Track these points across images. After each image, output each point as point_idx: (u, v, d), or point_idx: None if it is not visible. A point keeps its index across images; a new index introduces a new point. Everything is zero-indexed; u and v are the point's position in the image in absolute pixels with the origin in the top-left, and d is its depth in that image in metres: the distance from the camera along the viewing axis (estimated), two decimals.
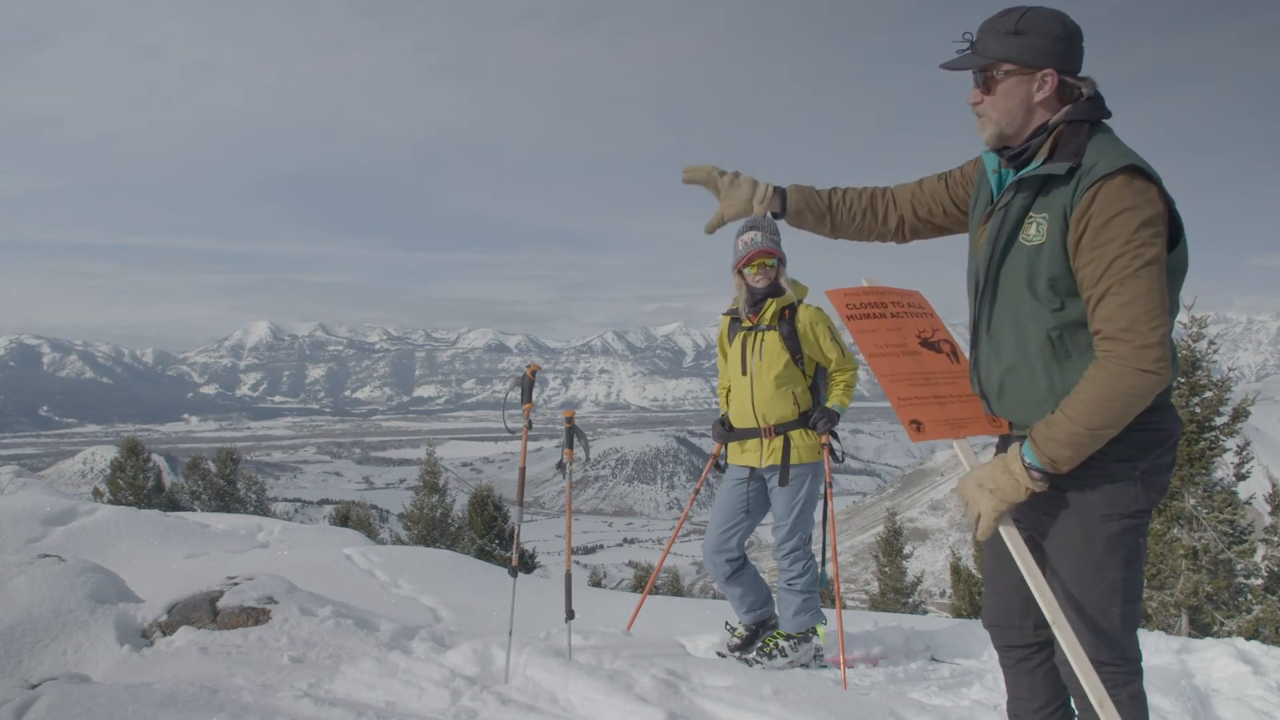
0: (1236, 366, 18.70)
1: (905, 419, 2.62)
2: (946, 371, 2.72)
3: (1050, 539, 2.13)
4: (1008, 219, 2.04)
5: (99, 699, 2.89)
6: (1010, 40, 1.96)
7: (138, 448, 23.07)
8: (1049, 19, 1.95)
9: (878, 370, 2.63)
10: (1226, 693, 3.75)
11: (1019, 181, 2.01)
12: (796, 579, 4.08)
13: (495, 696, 3.20)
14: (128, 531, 6.53)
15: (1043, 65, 1.95)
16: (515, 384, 3.83)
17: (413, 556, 7.25)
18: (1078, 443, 1.90)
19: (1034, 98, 1.98)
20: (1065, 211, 1.92)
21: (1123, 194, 1.85)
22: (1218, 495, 11.08)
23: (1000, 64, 1.97)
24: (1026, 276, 2.00)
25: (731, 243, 4.17)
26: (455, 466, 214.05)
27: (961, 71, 2.05)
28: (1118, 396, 1.85)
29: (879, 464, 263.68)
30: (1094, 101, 1.99)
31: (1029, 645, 2.32)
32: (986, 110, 2.03)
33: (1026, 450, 1.97)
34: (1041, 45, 1.94)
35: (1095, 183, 1.87)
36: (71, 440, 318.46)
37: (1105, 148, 1.91)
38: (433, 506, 20.37)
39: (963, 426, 2.61)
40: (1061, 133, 1.97)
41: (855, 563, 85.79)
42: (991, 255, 2.07)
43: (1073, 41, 1.97)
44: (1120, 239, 1.84)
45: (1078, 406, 1.90)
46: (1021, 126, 2.01)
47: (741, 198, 2.34)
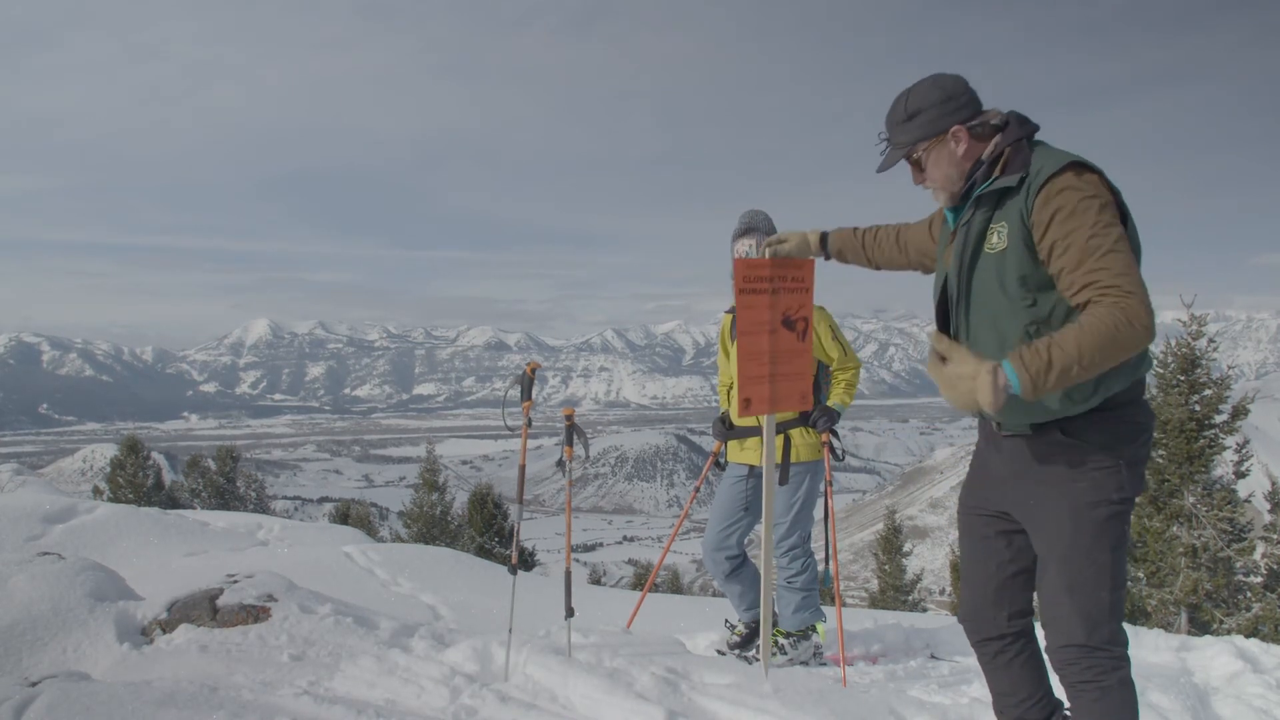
0: (1236, 364, 18.76)
1: (741, 396, 3.08)
2: (789, 350, 3.15)
3: (1041, 527, 2.22)
4: (971, 233, 2.22)
5: (99, 697, 2.90)
6: (910, 125, 2.23)
7: (137, 446, 23.08)
8: (928, 90, 2.22)
9: (741, 348, 3.03)
10: (1226, 691, 3.76)
11: (977, 199, 2.20)
12: (796, 577, 4.08)
13: (495, 694, 3.20)
14: (127, 529, 6.53)
15: (947, 127, 2.20)
16: (515, 382, 3.83)
17: (412, 554, 7.26)
18: (1064, 376, 1.86)
19: (957, 154, 2.22)
20: (1022, 215, 2.09)
21: (1075, 186, 2.02)
22: (1217, 493, 11.07)
23: (915, 147, 2.24)
24: (997, 280, 2.16)
25: (728, 245, 4.14)
26: (455, 464, 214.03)
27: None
28: (1116, 339, 1.86)
29: (878, 462, 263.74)
30: (1020, 122, 2.20)
31: (1003, 636, 2.42)
32: (930, 185, 2.29)
33: (1010, 370, 1.88)
34: (935, 114, 2.20)
35: (1045, 182, 2.04)
36: (71, 438, 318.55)
37: (1047, 154, 2.11)
38: (432, 504, 20.37)
39: (778, 403, 3.09)
40: (1006, 153, 2.17)
41: (855, 560, 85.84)
42: (961, 267, 2.25)
43: (956, 96, 2.21)
44: (1087, 224, 1.99)
45: (1072, 340, 1.86)
46: (961, 178, 2.25)
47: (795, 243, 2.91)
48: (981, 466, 2.42)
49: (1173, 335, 11.56)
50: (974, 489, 2.45)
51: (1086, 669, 2.17)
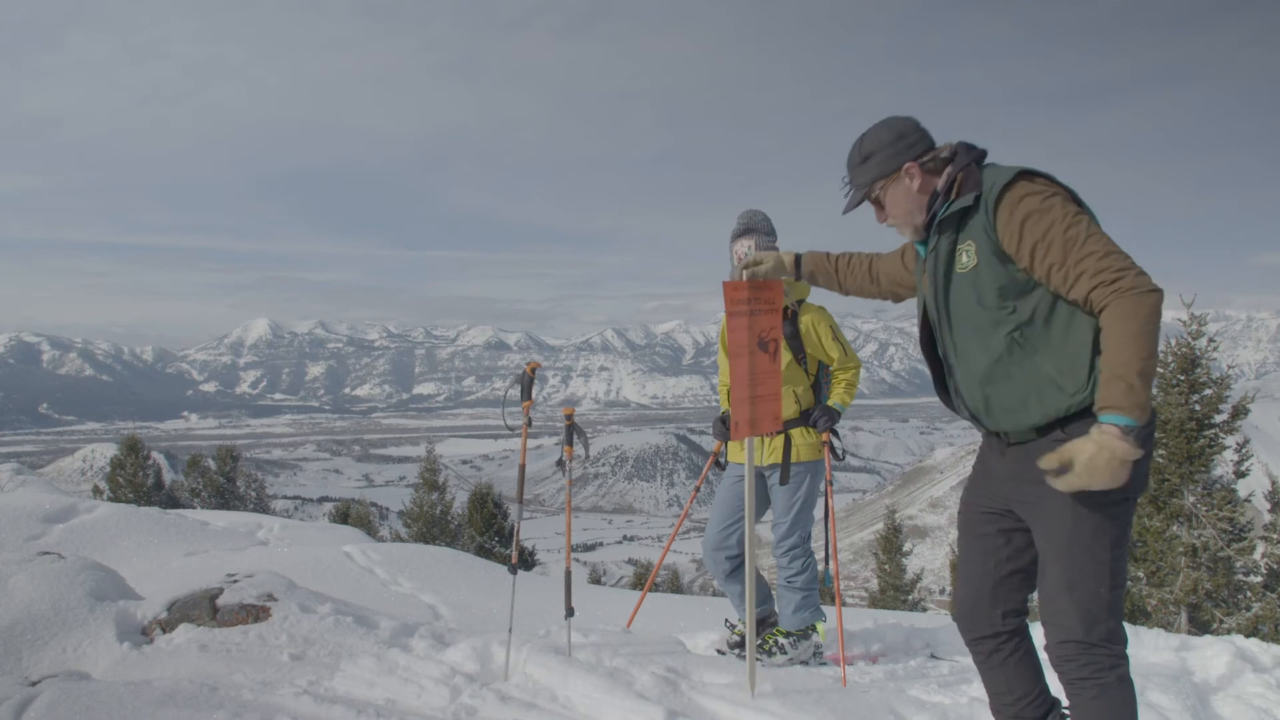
0: (1236, 364, 18.76)
1: (734, 418, 3.14)
2: (765, 371, 3.21)
3: (1042, 523, 2.24)
4: (940, 256, 2.33)
5: (99, 696, 2.90)
6: (866, 166, 2.37)
7: (137, 445, 23.08)
8: (880, 132, 2.36)
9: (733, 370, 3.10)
10: (1226, 690, 3.76)
11: (939, 224, 2.31)
12: (796, 576, 4.08)
13: (495, 694, 3.20)
14: (127, 529, 6.53)
15: (900, 164, 2.33)
16: (515, 381, 3.83)
17: (412, 554, 7.26)
18: (1146, 377, 1.96)
19: (913, 189, 2.35)
20: (986, 230, 2.19)
21: (1032, 190, 2.14)
22: (1217, 493, 11.07)
23: (872, 187, 2.37)
24: (974, 296, 2.25)
25: (727, 245, 4.13)
26: (455, 464, 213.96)
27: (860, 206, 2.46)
28: (1148, 319, 1.98)
29: (879, 461, 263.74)
30: (968, 149, 2.32)
31: (997, 635, 2.45)
32: (893, 222, 2.41)
33: (1110, 419, 1.95)
34: (888, 154, 2.34)
35: (1001, 194, 2.16)
36: (71, 438, 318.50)
37: (997, 170, 2.23)
38: (432, 504, 20.37)
39: (757, 426, 3.15)
40: (959, 178, 2.29)
41: (855, 560, 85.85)
42: (936, 291, 2.35)
43: (906, 135, 2.34)
44: (1059, 221, 2.09)
45: (1125, 346, 1.97)
46: (921, 212, 2.36)
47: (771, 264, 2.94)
48: (985, 467, 2.46)
49: (1173, 335, 11.56)
50: (977, 487, 2.48)
51: (1084, 665, 2.18)
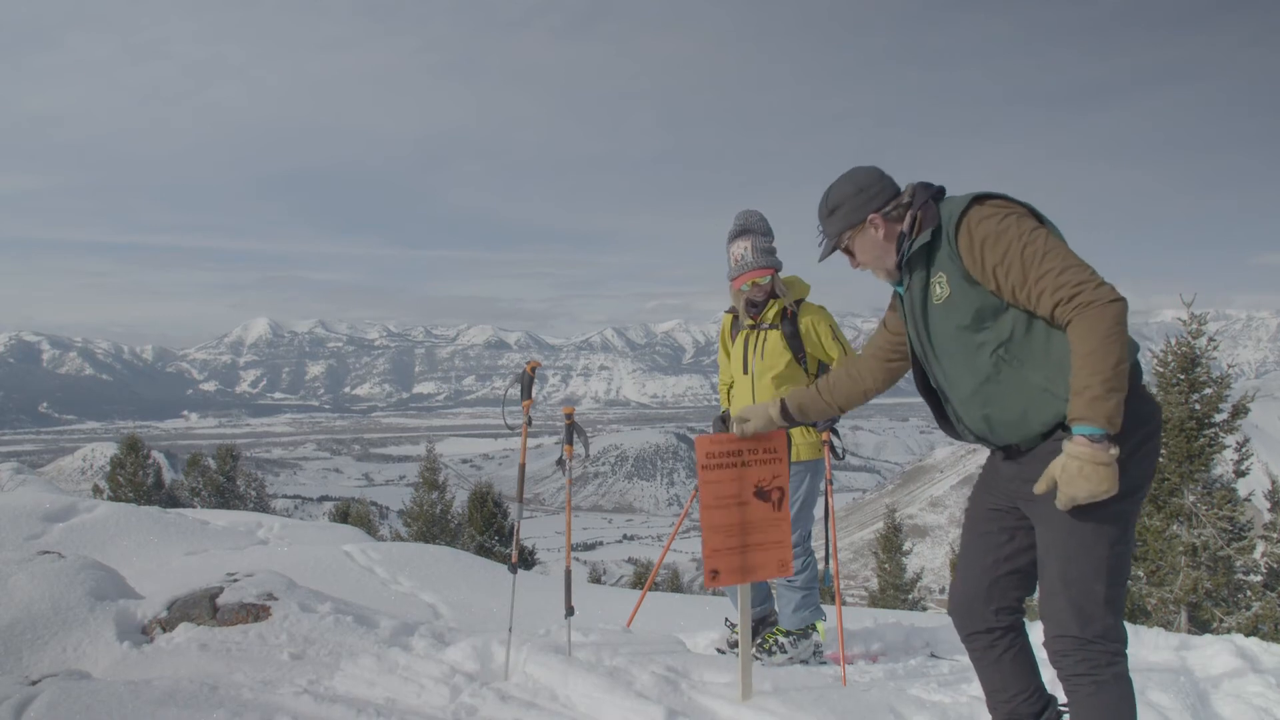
0: (1236, 363, 18.76)
1: (707, 566, 3.15)
2: (764, 519, 3.20)
3: (1045, 520, 2.24)
4: (915, 295, 2.41)
5: (99, 696, 2.90)
6: (833, 219, 2.48)
7: (137, 445, 23.10)
8: (843, 185, 2.47)
9: (705, 521, 3.09)
10: (1225, 689, 3.75)
11: (908, 263, 2.41)
12: (795, 575, 4.08)
13: (495, 693, 3.20)
14: (127, 528, 6.53)
15: (864, 216, 2.43)
16: (515, 380, 3.83)
17: (412, 553, 7.26)
18: (1114, 387, 2.01)
19: (879, 238, 2.44)
20: (951, 258, 2.27)
21: (987, 213, 2.21)
22: (1217, 492, 11.08)
23: (841, 236, 2.48)
24: (953, 323, 2.32)
25: (724, 246, 4.12)
26: (455, 463, 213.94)
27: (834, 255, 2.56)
28: (1110, 330, 2.03)
29: (879, 460, 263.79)
30: (924, 187, 2.41)
31: (991, 630, 2.47)
32: (865, 267, 2.51)
33: (1081, 429, 2.01)
34: (852, 206, 2.44)
35: (959, 222, 2.23)
36: (71, 437, 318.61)
37: (951, 201, 2.33)
38: (432, 503, 20.39)
39: (751, 573, 3.16)
40: (919, 216, 2.38)
41: (855, 559, 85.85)
42: (918, 325, 2.43)
43: (867, 188, 2.44)
44: (1016, 241, 2.16)
45: (1089, 360, 2.02)
46: (891, 257, 2.46)
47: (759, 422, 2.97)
48: (993, 466, 2.48)
49: (1173, 334, 11.56)
50: (986, 486, 2.51)
51: (1080, 661, 2.19)
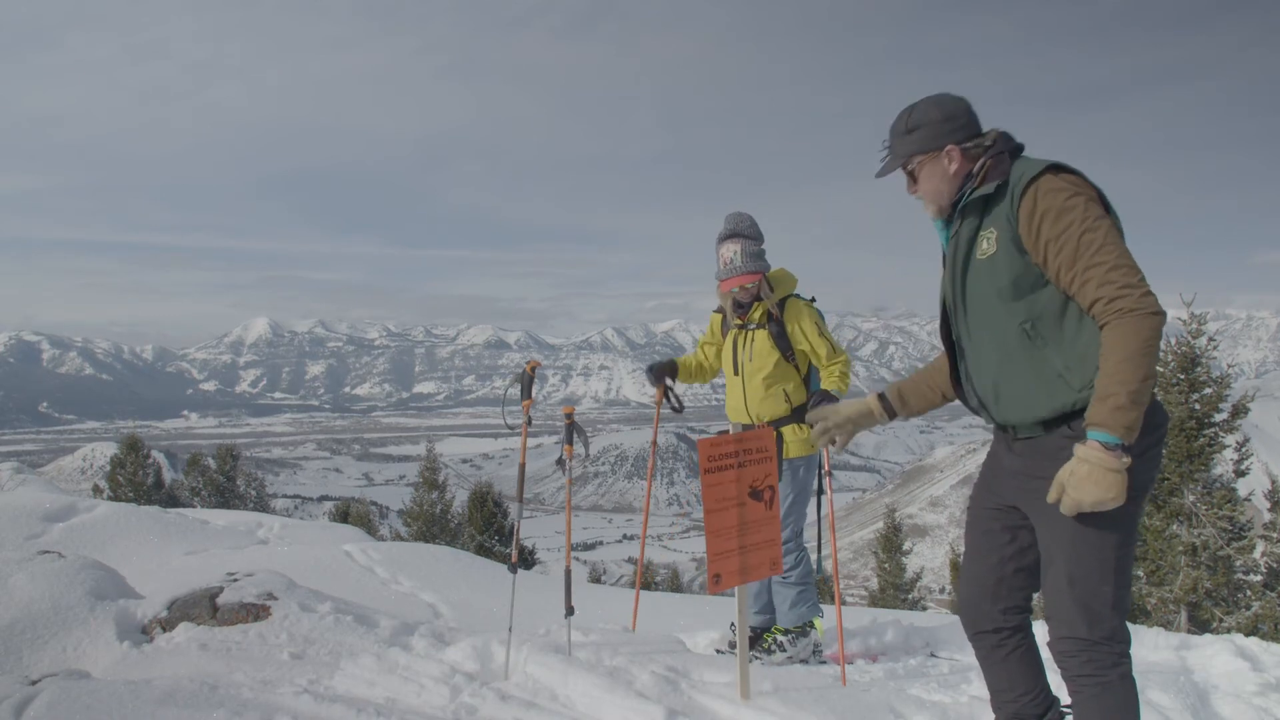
0: (1236, 363, 18.74)
1: (711, 571, 3.14)
2: (758, 520, 3.22)
3: (1047, 520, 2.23)
4: (961, 242, 2.33)
5: (99, 695, 2.90)
6: (909, 138, 2.36)
7: (137, 444, 23.11)
8: (930, 108, 2.34)
9: (708, 525, 3.09)
10: (1225, 689, 3.75)
11: (963, 209, 2.32)
12: (789, 571, 4.08)
13: (495, 693, 3.20)
14: (127, 528, 6.53)
15: (942, 145, 2.32)
16: (515, 380, 3.83)
17: (412, 553, 7.26)
18: (1138, 399, 1.99)
19: (949, 171, 2.34)
20: (1009, 219, 2.19)
21: (1059, 186, 2.13)
22: (1217, 492, 11.08)
23: (911, 158, 2.36)
24: (991, 284, 2.25)
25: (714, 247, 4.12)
26: (455, 463, 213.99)
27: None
28: (1147, 343, 2.00)
29: (878, 460, 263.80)
30: (1005, 138, 2.31)
31: (998, 630, 2.46)
32: (921, 195, 2.41)
33: (1097, 435, 2.00)
34: (933, 131, 2.32)
35: (1028, 186, 2.15)
36: (71, 437, 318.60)
37: (1027, 162, 2.23)
38: (432, 503, 20.39)
39: (749, 573, 3.17)
40: (988, 164, 2.29)
41: (855, 559, 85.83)
42: (954, 276, 2.36)
43: (955, 117, 2.32)
44: (1078, 221, 2.09)
45: (1120, 368, 1.99)
46: (951, 194, 2.36)
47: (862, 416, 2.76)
48: (994, 463, 2.47)
49: (1173, 334, 11.57)
50: (987, 483, 2.49)
51: (1086, 662, 2.19)
